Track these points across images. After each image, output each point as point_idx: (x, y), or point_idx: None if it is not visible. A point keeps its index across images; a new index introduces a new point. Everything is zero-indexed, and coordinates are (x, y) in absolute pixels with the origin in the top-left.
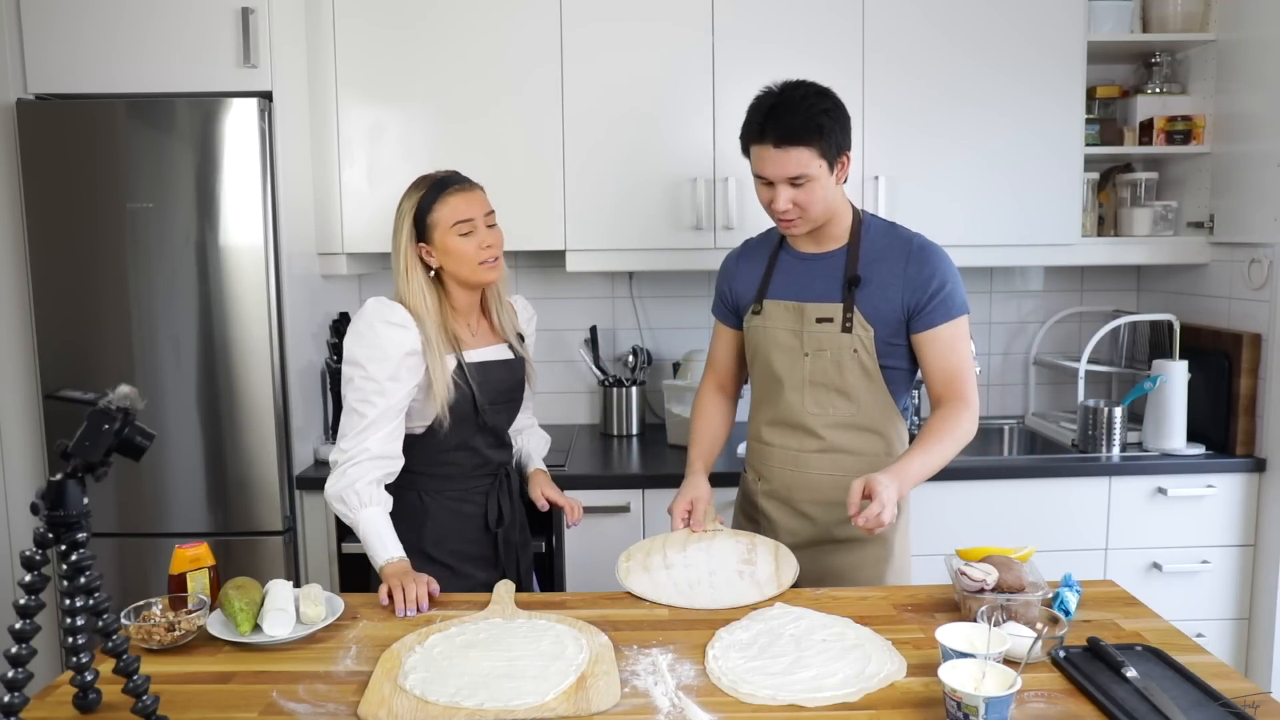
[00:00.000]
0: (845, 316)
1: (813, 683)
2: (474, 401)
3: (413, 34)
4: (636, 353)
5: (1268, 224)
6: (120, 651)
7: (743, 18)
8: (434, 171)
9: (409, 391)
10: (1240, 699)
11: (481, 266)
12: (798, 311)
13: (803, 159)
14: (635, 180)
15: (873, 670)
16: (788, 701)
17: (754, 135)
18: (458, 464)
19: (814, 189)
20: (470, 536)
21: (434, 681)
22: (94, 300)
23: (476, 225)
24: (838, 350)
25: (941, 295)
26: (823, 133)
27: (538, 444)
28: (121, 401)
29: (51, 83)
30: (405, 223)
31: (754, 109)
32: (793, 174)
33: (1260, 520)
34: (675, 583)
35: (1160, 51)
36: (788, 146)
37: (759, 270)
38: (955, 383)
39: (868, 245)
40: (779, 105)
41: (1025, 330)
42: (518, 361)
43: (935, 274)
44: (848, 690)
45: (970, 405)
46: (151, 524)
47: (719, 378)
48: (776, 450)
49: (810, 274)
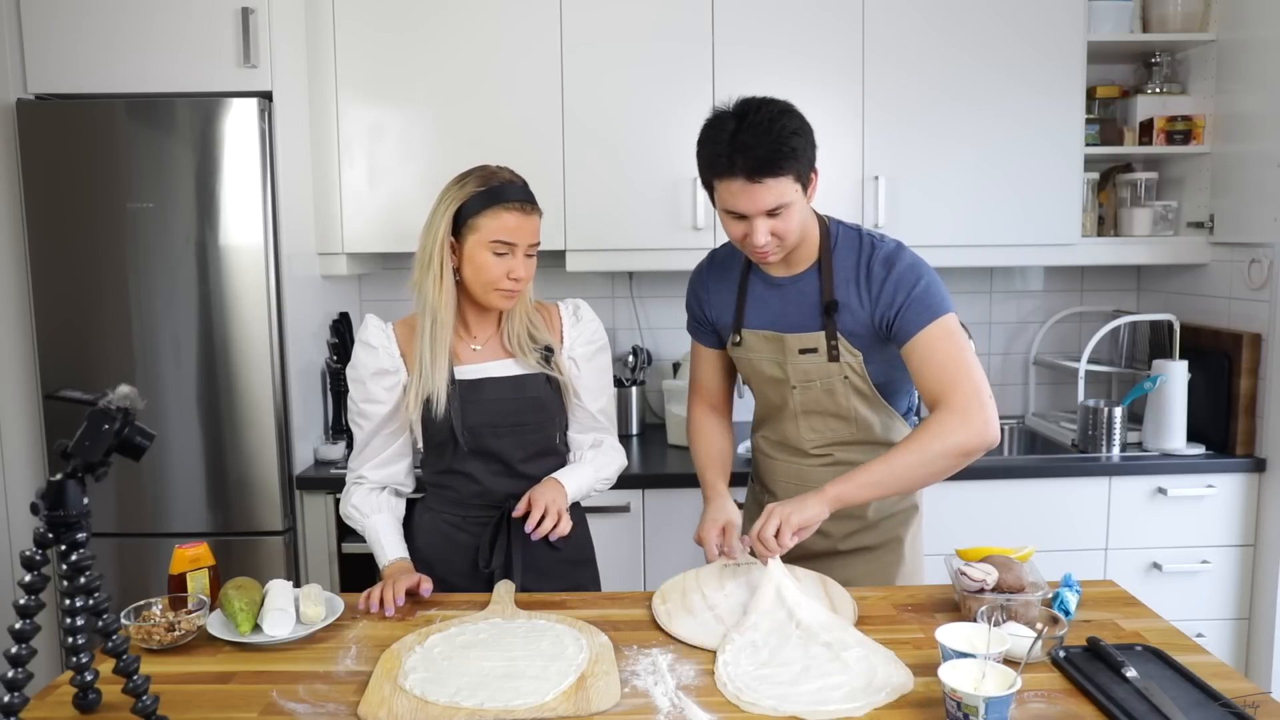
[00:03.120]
0: (830, 345)
1: (818, 695)
2: (452, 422)
3: (413, 34)
4: (636, 353)
5: (1268, 224)
6: (120, 651)
7: (743, 16)
8: (496, 167)
9: (392, 411)
10: (1240, 699)
11: (496, 292)
12: (778, 343)
13: (780, 189)
14: (635, 180)
15: (880, 682)
16: (790, 713)
17: (720, 169)
18: (451, 487)
19: (791, 215)
20: (458, 568)
21: (434, 681)
22: (94, 300)
23: (515, 251)
24: (827, 379)
25: (908, 302)
26: (796, 155)
27: (588, 461)
28: (121, 401)
29: (51, 83)
30: (446, 213)
31: (712, 138)
32: (771, 206)
33: (1260, 520)
34: (724, 623)
35: (1160, 51)
36: (763, 179)
37: (730, 297)
38: (940, 391)
39: (838, 263)
40: (744, 132)
41: (1025, 330)
42: (532, 378)
43: (900, 282)
44: (854, 704)
45: (957, 410)
46: (151, 524)
47: (709, 399)
48: (780, 464)
49: (784, 301)
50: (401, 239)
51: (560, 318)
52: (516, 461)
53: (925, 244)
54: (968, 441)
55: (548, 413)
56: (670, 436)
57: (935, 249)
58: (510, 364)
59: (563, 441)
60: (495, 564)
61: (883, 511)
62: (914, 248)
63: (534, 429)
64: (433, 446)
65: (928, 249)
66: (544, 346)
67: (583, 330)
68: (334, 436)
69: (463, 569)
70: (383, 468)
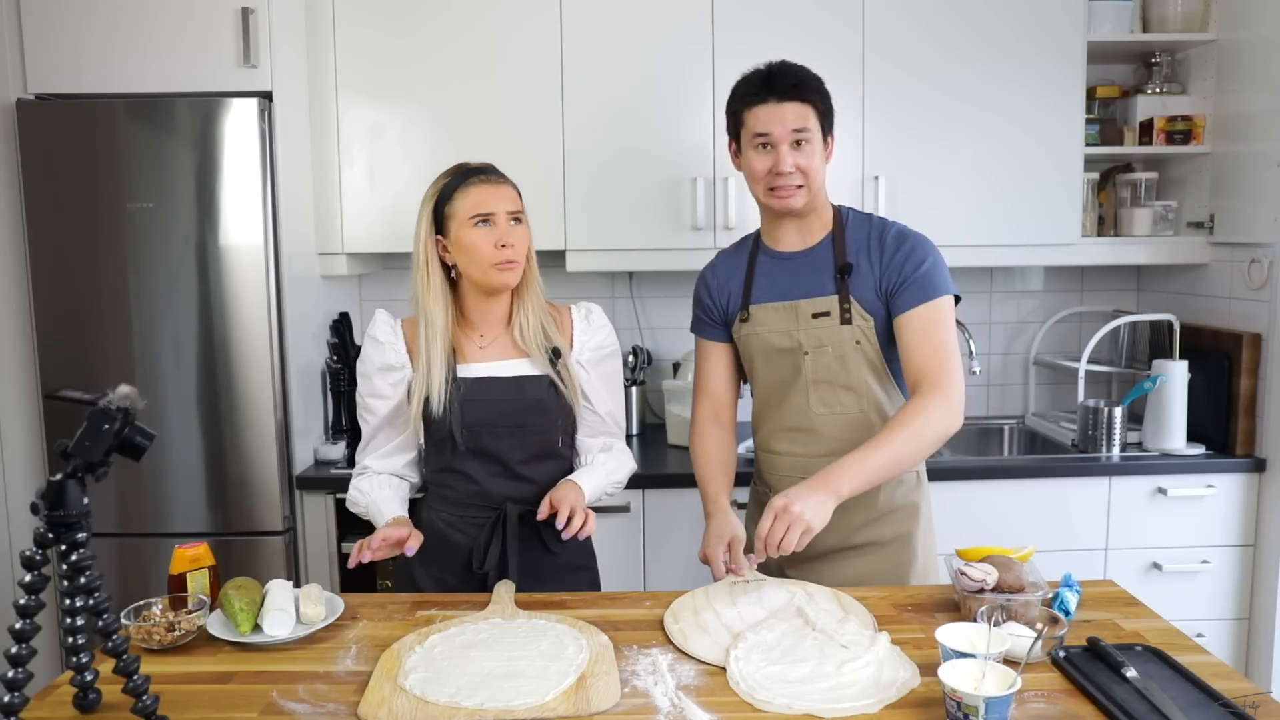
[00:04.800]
0: (843, 307)
1: (832, 692)
2: (450, 421)
3: (413, 34)
4: (636, 353)
5: (1268, 224)
6: (120, 651)
7: (743, 16)
8: (468, 162)
9: (396, 406)
10: (1240, 699)
11: (495, 268)
12: (790, 310)
13: (805, 114)
14: (635, 180)
15: (888, 679)
16: (803, 711)
17: (752, 94)
18: (450, 486)
19: (813, 153)
20: (453, 568)
21: (434, 681)
22: (94, 300)
23: (496, 220)
24: (839, 344)
25: (917, 275)
26: (821, 93)
27: (598, 464)
28: (121, 401)
29: (51, 83)
30: (426, 211)
31: (747, 78)
32: (797, 126)
33: (1260, 520)
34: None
35: (1160, 51)
36: (792, 99)
37: (739, 275)
38: (930, 369)
39: (851, 234)
40: (776, 68)
41: (1025, 330)
42: (535, 380)
43: (911, 254)
44: (866, 701)
45: (945, 393)
46: (151, 524)
47: (713, 404)
48: (785, 459)
49: (794, 271)
50: (402, 239)
51: (572, 321)
52: (516, 463)
53: None
54: (951, 427)
55: (550, 415)
56: (670, 436)
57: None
58: (516, 363)
59: (566, 445)
60: (490, 565)
61: (891, 504)
62: None
63: (535, 431)
64: (433, 444)
65: None
66: (552, 348)
67: (594, 335)
68: (334, 436)
69: (457, 569)
70: (387, 459)
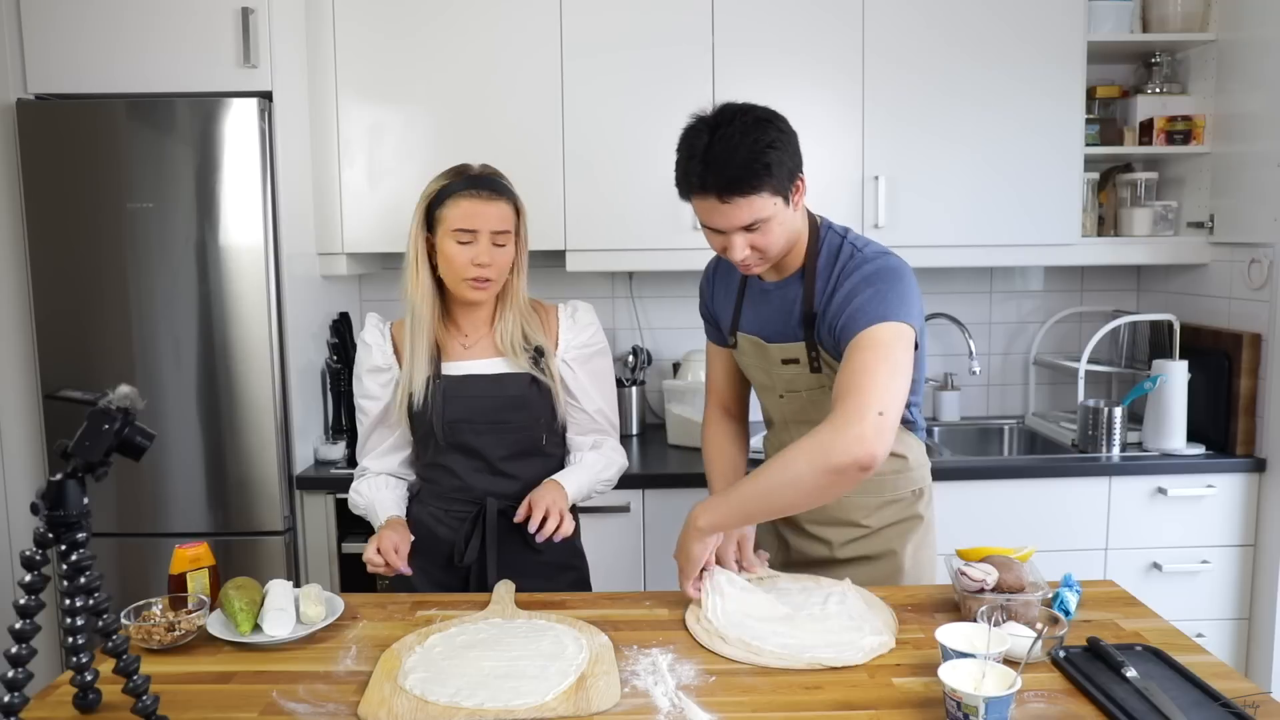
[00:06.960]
0: (810, 356)
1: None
2: (431, 416)
3: (413, 34)
4: (636, 353)
5: (1268, 224)
6: (120, 651)
7: (743, 16)
8: (475, 165)
9: (386, 406)
10: (1240, 699)
11: (466, 283)
12: (763, 351)
13: (755, 206)
14: (635, 180)
15: (871, 628)
16: (807, 659)
17: (692, 186)
18: (435, 480)
19: (771, 229)
20: (438, 561)
21: (434, 681)
22: (94, 300)
23: (478, 239)
24: (811, 390)
25: (850, 309)
26: (771, 171)
27: (586, 463)
28: (121, 401)
29: (51, 83)
30: (418, 210)
31: (685, 152)
32: (746, 223)
33: (1260, 520)
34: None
35: (1160, 51)
36: (734, 198)
37: (731, 298)
38: (839, 395)
39: (822, 271)
40: (716, 145)
41: (1025, 330)
42: (515, 377)
43: (850, 293)
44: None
45: (844, 422)
46: (151, 524)
47: (721, 401)
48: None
49: (770, 307)
50: (401, 239)
51: (558, 320)
52: (497, 459)
53: (925, 244)
54: (836, 457)
55: (531, 413)
56: (670, 436)
57: (935, 249)
58: (498, 362)
59: (552, 443)
60: (469, 560)
61: (883, 520)
62: (914, 248)
63: (516, 428)
64: (419, 440)
65: (928, 249)
66: (535, 348)
67: (579, 333)
68: (334, 436)
69: (441, 563)
70: (382, 458)
